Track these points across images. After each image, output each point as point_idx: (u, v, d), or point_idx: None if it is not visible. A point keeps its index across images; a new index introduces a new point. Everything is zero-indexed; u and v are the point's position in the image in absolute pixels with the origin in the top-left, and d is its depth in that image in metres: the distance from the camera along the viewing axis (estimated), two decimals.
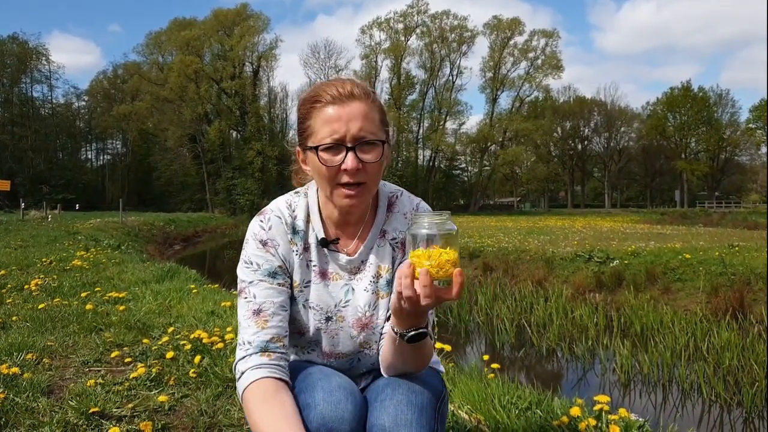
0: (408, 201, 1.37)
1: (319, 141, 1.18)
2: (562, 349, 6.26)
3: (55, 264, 7.77)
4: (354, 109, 1.18)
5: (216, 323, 3.90)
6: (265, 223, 1.29)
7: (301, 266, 1.29)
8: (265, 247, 1.27)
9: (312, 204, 1.33)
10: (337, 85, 1.21)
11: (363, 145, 1.18)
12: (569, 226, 23.28)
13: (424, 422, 1.11)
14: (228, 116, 55.46)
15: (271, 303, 1.23)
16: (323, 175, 1.20)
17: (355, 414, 1.10)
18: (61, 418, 2.24)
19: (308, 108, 1.22)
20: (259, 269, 1.25)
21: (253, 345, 1.20)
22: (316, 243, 1.30)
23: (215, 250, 21.58)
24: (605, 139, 74.70)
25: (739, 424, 4.33)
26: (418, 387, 1.18)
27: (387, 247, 1.33)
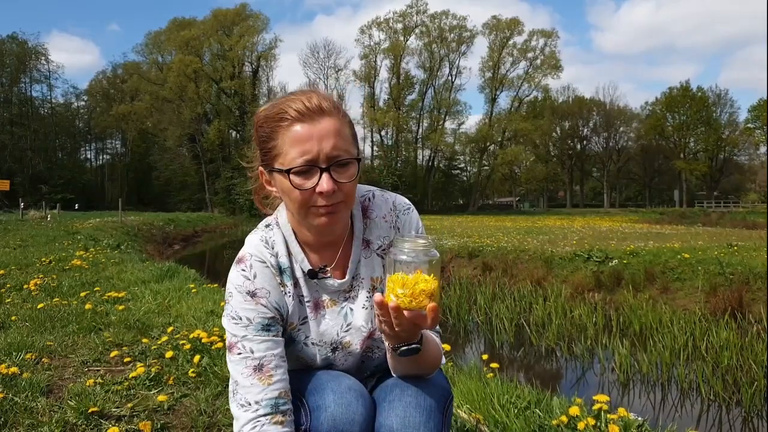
0: (383, 202, 1.28)
1: (290, 163, 1.09)
2: (561, 349, 6.26)
3: (54, 264, 7.76)
4: (325, 126, 1.09)
5: (215, 323, 3.90)
6: (249, 272, 1.18)
7: (294, 306, 1.21)
8: (254, 299, 1.16)
9: (288, 234, 1.23)
10: (303, 98, 1.10)
11: (337, 166, 1.10)
12: (568, 226, 23.29)
13: (432, 426, 1.10)
14: (227, 116, 55.49)
15: (271, 356, 1.14)
16: (295, 199, 1.11)
17: (365, 416, 1.10)
18: (60, 418, 2.24)
19: (272, 126, 1.11)
20: (250, 324, 1.15)
21: (262, 405, 1.10)
22: (304, 276, 1.22)
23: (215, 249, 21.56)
24: (604, 139, 74.77)
25: (738, 424, 4.33)
26: (427, 389, 1.17)
27: (374, 257, 1.26)
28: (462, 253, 12.94)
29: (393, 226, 1.26)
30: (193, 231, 27.88)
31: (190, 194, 57.81)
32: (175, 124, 53.90)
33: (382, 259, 1.25)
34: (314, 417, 1.09)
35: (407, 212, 1.28)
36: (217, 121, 54.14)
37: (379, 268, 1.25)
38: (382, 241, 1.25)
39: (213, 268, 14.43)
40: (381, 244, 1.25)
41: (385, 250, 1.25)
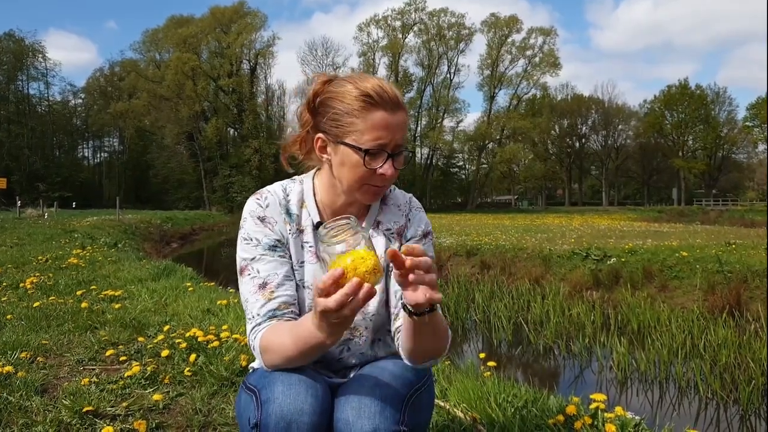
0: (401, 195, 1.43)
1: (365, 143, 1.21)
2: (559, 347, 6.26)
3: (50, 262, 7.74)
4: (400, 119, 1.23)
5: (212, 321, 3.88)
6: (262, 201, 1.32)
7: (295, 245, 1.32)
8: (264, 223, 1.30)
9: (307, 190, 1.36)
10: (386, 88, 1.22)
11: (398, 155, 1.24)
12: (567, 224, 23.30)
13: (388, 415, 1.10)
14: (225, 114, 55.39)
15: (275, 275, 1.26)
16: (357, 174, 1.24)
17: (316, 407, 1.09)
18: (54, 417, 2.22)
19: (356, 103, 1.21)
20: (259, 244, 1.28)
21: (261, 315, 1.23)
22: (312, 226, 1.33)
23: (212, 248, 21.54)
24: (603, 137, 74.83)
25: (736, 422, 4.33)
26: (385, 380, 1.18)
27: (381, 237, 1.37)
28: (460, 252, 12.93)
29: (405, 216, 1.40)
30: (190, 229, 27.84)
31: (188, 192, 57.71)
32: (173, 121, 53.80)
33: (389, 240, 1.37)
34: (263, 410, 1.09)
35: (419, 210, 1.43)
36: (215, 118, 54.02)
37: (382, 248, 1.35)
38: (392, 225, 1.38)
39: (210, 266, 14.41)
40: (390, 227, 1.38)
41: (394, 233, 1.37)
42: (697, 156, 69.18)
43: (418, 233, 1.39)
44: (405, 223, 1.39)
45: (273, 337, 1.18)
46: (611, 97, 76.76)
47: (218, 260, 16.41)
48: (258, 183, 49.75)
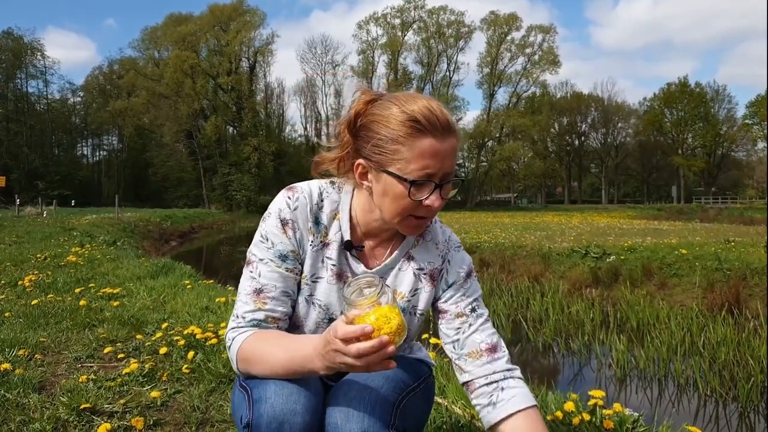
0: (441, 231, 1.35)
1: (410, 173, 1.11)
2: (558, 345, 6.25)
3: (49, 260, 7.73)
4: (450, 146, 1.14)
5: (210, 319, 3.88)
6: (292, 201, 1.22)
7: (313, 258, 1.23)
8: (284, 227, 1.21)
9: (344, 204, 1.26)
10: (434, 109, 1.12)
11: (447, 184, 1.16)
12: (566, 222, 23.30)
13: (378, 415, 1.07)
14: (224, 112, 55.32)
15: (273, 287, 1.19)
16: (401, 206, 1.14)
17: (309, 407, 1.07)
18: (51, 414, 2.22)
19: (402, 129, 1.11)
20: (272, 248, 1.20)
21: (245, 320, 1.18)
22: (340, 243, 1.24)
23: (212, 246, 21.53)
24: (602, 135, 74.85)
25: (735, 419, 4.32)
26: (376, 383, 1.14)
27: (409, 273, 1.29)
28: None
29: (442, 257, 1.32)
30: (190, 227, 27.79)
31: (187, 190, 57.67)
32: (172, 120, 53.74)
33: (419, 280, 1.29)
34: (255, 409, 1.06)
35: (459, 249, 1.35)
36: (214, 117, 53.95)
37: (408, 286, 1.28)
38: (425, 264, 1.30)
39: (210, 264, 14.42)
40: (423, 267, 1.29)
41: (426, 274, 1.29)
42: (696, 154, 69.20)
43: (460, 276, 1.33)
44: (441, 266, 1.32)
45: (258, 346, 1.13)
46: (611, 94, 76.89)
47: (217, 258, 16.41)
48: (257, 181, 49.77)
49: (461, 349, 1.28)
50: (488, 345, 1.27)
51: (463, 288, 1.32)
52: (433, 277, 1.30)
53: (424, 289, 1.30)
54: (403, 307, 1.27)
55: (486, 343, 1.28)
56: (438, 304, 1.33)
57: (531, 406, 1.22)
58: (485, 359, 1.26)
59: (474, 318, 1.30)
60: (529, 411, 1.21)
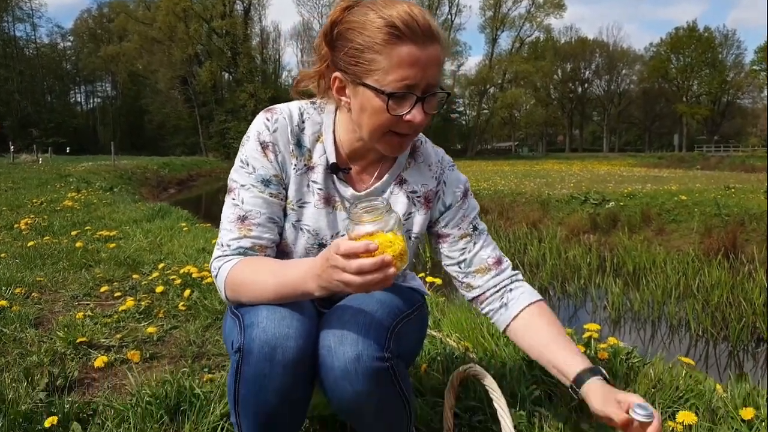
0: (433, 152, 1.30)
1: (389, 85, 1.03)
2: (555, 288, 6.32)
3: (45, 205, 7.71)
4: (432, 54, 1.03)
5: (206, 259, 3.87)
6: (271, 123, 1.16)
7: (298, 183, 1.19)
8: (265, 151, 1.15)
9: (327, 125, 1.20)
10: (414, 14, 1.02)
11: (430, 97, 1.07)
12: (566, 170, 23.22)
13: (372, 338, 1.04)
14: (219, 57, 54.18)
15: (258, 213, 1.15)
16: (379, 121, 1.07)
17: (302, 330, 1.03)
18: (48, 348, 2.23)
19: (379, 36, 1.02)
20: (253, 173, 1.15)
21: (231, 249, 1.14)
22: (325, 166, 1.19)
23: (210, 194, 21.50)
24: (606, 82, 73.75)
25: (724, 357, 4.41)
26: (371, 306, 1.11)
27: (402, 197, 1.25)
28: None
29: (437, 179, 1.28)
30: (188, 175, 27.69)
31: (184, 138, 57.18)
32: (166, 65, 52.70)
33: (413, 203, 1.26)
34: (247, 334, 1.03)
35: (453, 168, 1.31)
36: (209, 62, 52.90)
37: (401, 208, 1.24)
38: (419, 187, 1.26)
39: (209, 211, 14.41)
40: (416, 189, 1.25)
41: (420, 197, 1.25)
42: (701, 101, 68.30)
43: (458, 197, 1.30)
44: (436, 188, 1.28)
45: (248, 272, 1.09)
46: (616, 40, 75.46)
47: (216, 206, 16.34)
48: None
49: (468, 267, 1.29)
50: (494, 259, 1.30)
51: (462, 209, 1.30)
52: (428, 199, 1.27)
53: (419, 213, 1.26)
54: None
55: (492, 257, 1.30)
56: (437, 229, 1.31)
57: (540, 299, 1.28)
58: (493, 272, 1.29)
59: (477, 235, 1.30)
60: (540, 303, 1.27)
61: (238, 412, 1.09)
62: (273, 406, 1.06)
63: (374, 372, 1.02)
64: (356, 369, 1.02)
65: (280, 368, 1.01)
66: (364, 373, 1.02)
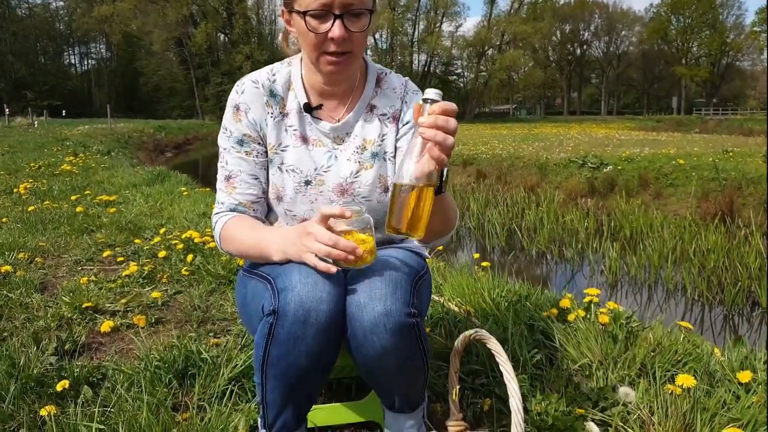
0: (397, 78, 1.37)
1: (306, 6, 1.14)
2: (552, 252, 6.36)
3: (43, 169, 7.68)
4: None
5: (207, 224, 3.89)
6: (239, 88, 1.30)
7: (276, 129, 1.30)
8: (237, 113, 1.29)
9: (295, 72, 1.32)
10: None
11: (350, 15, 1.14)
12: (564, 133, 23.10)
13: (399, 295, 1.09)
14: (214, 18, 53.07)
15: (238, 171, 1.28)
16: (309, 41, 1.17)
17: (334, 294, 1.09)
18: (55, 313, 2.26)
19: None
20: (231, 136, 1.29)
21: (224, 205, 1.29)
22: (298, 108, 1.30)
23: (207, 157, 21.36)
24: (605, 44, 72.78)
25: (720, 321, 4.48)
26: (393, 265, 1.17)
27: (375, 121, 1.32)
28: (456, 161, 12.87)
29: (401, 99, 1.34)
30: (184, 138, 27.49)
31: (180, 101, 56.49)
32: (161, 26, 51.61)
33: (384, 125, 1.33)
34: (281, 297, 1.07)
35: (416, 92, 1.36)
36: (204, 23, 51.80)
37: (376, 132, 1.32)
38: (387, 109, 1.33)
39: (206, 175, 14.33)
40: (385, 112, 1.33)
41: (389, 117, 1.33)
42: (700, 63, 67.53)
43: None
44: (401, 107, 1.33)
45: (235, 231, 1.24)
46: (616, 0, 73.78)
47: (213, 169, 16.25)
48: None
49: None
50: None
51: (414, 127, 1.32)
52: (395, 117, 1.34)
53: (391, 132, 1.33)
54: (376, 152, 1.31)
55: None
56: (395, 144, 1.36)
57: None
58: None
59: None
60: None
61: (265, 372, 1.13)
62: (303, 368, 1.10)
63: (402, 327, 1.08)
64: (385, 324, 1.07)
65: (313, 330, 1.06)
66: (393, 327, 1.07)
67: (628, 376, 1.58)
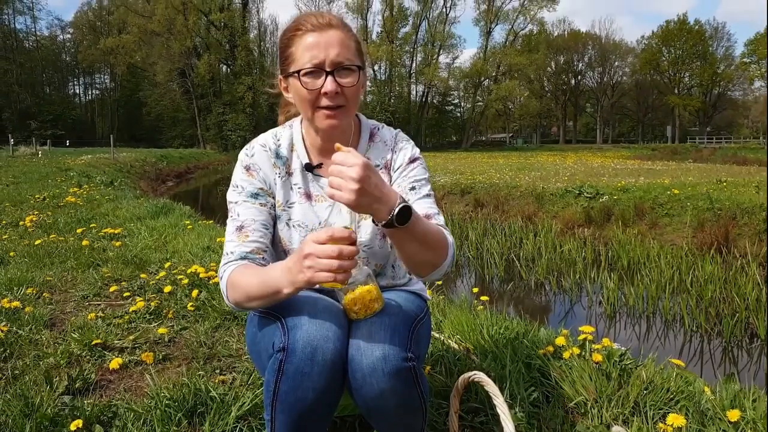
0: (388, 131, 1.47)
1: (300, 65, 1.26)
2: (550, 283, 6.40)
3: (48, 200, 7.76)
4: (332, 37, 1.26)
5: (212, 258, 3.95)
6: (249, 151, 1.41)
7: (283, 187, 1.40)
8: (249, 172, 1.39)
9: (296, 134, 1.44)
10: (317, 15, 1.29)
11: (341, 71, 1.26)
12: (560, 162, 23.30)
13: (397, 341, 1.17)
14: (217, 50, 53.86)
15: (252, 220, 1.35)
16: (304, 98, 1.28)
17: (339, 334, 1.17)
18: (65, 350, 2.31)
19: (290, 37, 1.30)
20: (243, 191, 1.38)
21: (234, 254, 1.32)
22: (301, 168, 1.41)
23: (208, 186, 21.51)
24: (599, 74, 73.79)
25: (719, 353, 4.51)
26: (392, 310, 1.25)
27: None
28: (454, 190, 12.99)
29: (392, 149, 1.44)
30: (186, 167, 27.67)
31: (182, 130, 56.92)
32: (165, 58, 52.31)
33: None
34: (291, 335, 1.15)
35: (406, 141, 1.46)
36: (207, 55, 52.56)
37: None
38: (380, 161, 1.42)
39: (207, 204, 14.46)
40: (378, 163, 1.42)
41: (383, 168, 1.42)
42: (692, 93, 68.48)
43: (405, 160, 1.42)
44: (391, 157, 1.43)
45: (241, 276, 1.25)
46: (608, 32, 75.39)
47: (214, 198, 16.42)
48: (252, 120, 49.10)
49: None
50: (424, 214, 1.32)
51: (405, 171, 1.42)
52: (388, 167, 1.43)
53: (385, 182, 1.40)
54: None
55: (422, 211, 1.32)
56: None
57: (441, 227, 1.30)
58: None
59: (413, 194, 1.38)
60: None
61: (274, 407, 1.18)
62: (310, 403, 1.16)
63: (399, 371, 1.15)
64: (383, 368, 1.14)
65: (319, 367, 1.13)
66: (390, 371, 1.14)
67: (622, 414, 1.63)
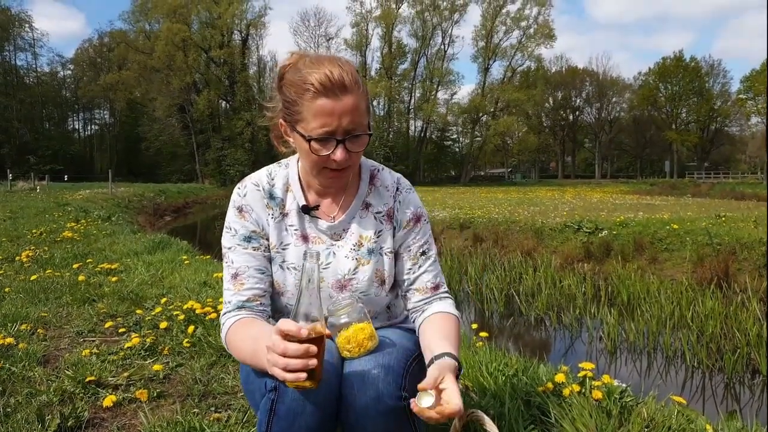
0: (389, 175, 1.45)
1: (310, 131, 1.21)
2: (550, 318, 6.36)
3: (45, 235, 7.75)
4: (346, 104, 1.19)
5: (209, 294, 3.93)
6: (242, 191, 1.38)
7: (276, 228, 1.36)
8: (241, 213, 1.36)
9: (292, 174, 1.40)
10: (326, 70, 1.19)
11: (352, 138, 1.23)
12: (559, 197, 23.40)
13: (391, 380, 1.15)
14: (217, 86, 54.66)
15: (246, 267, 1.33)
16: (312, 160, 1.26)
17: (331, 372, 1.15)
18: (58, 387, 2.28)
19: (297, 93, 1.22)
20: (236, 234, 1.35)
21: (232, 304, 1.32)
22: (297, 209, 1.37)
23: (206, 221, 21.51)
24: (596, 110, 74.74)
25: (721, 390, 4.45)
26: (387, 348, 1.24)
27: (371, 218, 1.40)
28: (454, 225, 13.01)
29: (394, 197, 1.42)
30: (184, 202, 27.76)
31: (181, 165, 57.25)
32: (164, 93, 53.05)
33: (380, 222, 1.40)
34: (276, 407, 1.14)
35: (408, 191, 1.45)
36: (207, 90, 53.32)
37: (372, 229, 1.39)
38: (382, 207, 1.41)
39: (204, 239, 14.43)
40: (380, 210, 1.41)
41: (384, 215, 1.41)
42: (690, 129, 69.25)
43: (413, 217, 1.42)
44: (393, 205, 1.42)
45: (235, 337, 1.26)
46: (606, 69, 76.70)
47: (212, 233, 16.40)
48: (250, 156, 49.44)
49: (411, 285, 1.43)
50: (433, 284, 1.43)
51: (413, 232, 1.43)
52: (390, 215, 1.42)
53: (386, 229, 1.41)
54: (372, 248, 1.38)
55: (432, 282, 1.43)
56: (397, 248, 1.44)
57: (450, 312, 1.39)
58: (429, 294, 1.43)
59: (423, 260, 1.43)
60: (447, 315, 1.38)
61: None
62: None
63: (393, 411, 1.13)
64: (377, 408, 1.13)
65: (311, 407, 1.12)
66: (383, 411, 1.13)
67: None
